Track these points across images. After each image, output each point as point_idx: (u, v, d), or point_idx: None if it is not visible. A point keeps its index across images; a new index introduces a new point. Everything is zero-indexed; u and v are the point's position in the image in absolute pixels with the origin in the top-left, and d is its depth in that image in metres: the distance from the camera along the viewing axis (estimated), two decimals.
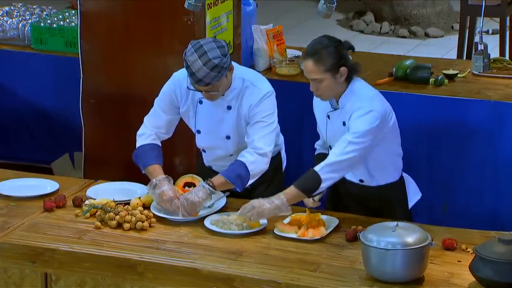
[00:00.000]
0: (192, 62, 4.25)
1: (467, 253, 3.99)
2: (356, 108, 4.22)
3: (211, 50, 4.25)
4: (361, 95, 4.26)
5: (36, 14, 6.58)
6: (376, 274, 3.80)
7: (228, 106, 4.43)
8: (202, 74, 4.24)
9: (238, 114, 4.43)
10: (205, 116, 4.48)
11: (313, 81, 4.23)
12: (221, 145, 4.52)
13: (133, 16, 5.14)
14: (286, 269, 3.90)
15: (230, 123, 4.46)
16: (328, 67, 4.19)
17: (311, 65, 4.20)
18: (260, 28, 5.97)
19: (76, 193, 4.58)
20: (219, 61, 4.24)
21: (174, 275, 3.95)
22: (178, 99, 4.50)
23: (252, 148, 4.37)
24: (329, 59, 4.19)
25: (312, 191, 4.20)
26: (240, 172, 4.33)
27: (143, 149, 4.49)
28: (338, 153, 4.19)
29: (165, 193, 4.30)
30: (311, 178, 4.18)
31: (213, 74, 4.25)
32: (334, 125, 4.34)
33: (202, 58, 4.23)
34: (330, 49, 4.21)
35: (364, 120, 4.19)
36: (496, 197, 5.44)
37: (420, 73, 5.66)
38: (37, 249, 4.10)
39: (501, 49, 7.71)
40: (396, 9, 9.83)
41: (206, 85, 4.28)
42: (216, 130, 4.49)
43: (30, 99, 6.24)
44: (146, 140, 4.50)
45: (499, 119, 5.41)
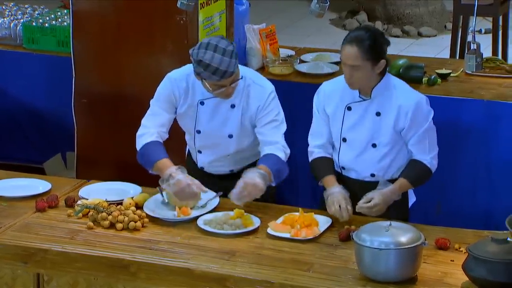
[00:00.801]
0: (210, 59, 4.22)
1: (460, 253, 3.98)
2: (406, 101, 4.28)
3: (220, 41, 4.26)
4: (405, 88, 4.37)
5: (28, 13, 6.56)
6: (369, 274, 3.79)
7: (232, 104, 4.42)
8: (225, 64, 4.23)
9: (243, 112, 4.42)
10: (207, 116, 4.46)
11: (350, 67, 4.23)
12: (222, 143, 4.50)
13: (126, 16, 5.14)
14: (279, 269, 3.90)
15: (235, 122, 4.44)
16: (370, 57, 4.22)
17: (354, 51, 4.20)
18: (253, 28, 5.96)
19: (69, 193, 4.56)
20: (232, 47, 4.26)
21: (167, 275, 3.94)
22: (177, 100, 4.47)
23: (281, 146, 4.38)
24: (373, 49, 4.22)
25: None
26: (279, 166, 4.33)
27: (148, 146, 4.40)
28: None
29: (181, 181, 4.24)
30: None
31: (234, 60, 4.25)
32: (355, 116, 4.35)
33: (218, 51, 4.22)
34: (375, 40, 4.24)
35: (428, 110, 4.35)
36: (489, 196, 5.44)
37: (413, 72, 5.66)
38: (29, 250, 4.08)
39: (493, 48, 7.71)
40: (389, 8, 9.83)
41: (231, 74, 4.26)
42: (219, 129, 4.47)
43: (22, 99, 6.22)
44: (149, 139, 4.42)
45: (492, 118, 5.41)
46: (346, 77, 4.28)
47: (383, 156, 4.38)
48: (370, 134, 4.35)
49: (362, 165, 4.39)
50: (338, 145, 4.42)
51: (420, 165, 4.36)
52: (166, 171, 4.29)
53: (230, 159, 4.53)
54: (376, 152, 4.37)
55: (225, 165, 4.56)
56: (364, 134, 4.36)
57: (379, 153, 4.37)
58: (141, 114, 5.18)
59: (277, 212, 4.32)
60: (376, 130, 4.35)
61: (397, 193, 4.31)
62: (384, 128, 4.34)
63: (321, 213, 4.31)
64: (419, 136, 4.34)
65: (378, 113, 4.33)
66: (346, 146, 4.40)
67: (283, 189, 4.52)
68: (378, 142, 4.36)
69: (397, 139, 4.37)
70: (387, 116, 4.32)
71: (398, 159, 4.41)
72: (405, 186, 4.35)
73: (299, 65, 5.93)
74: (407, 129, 4.33)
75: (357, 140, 4.38)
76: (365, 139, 4.37)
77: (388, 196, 4.26)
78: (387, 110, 4.32)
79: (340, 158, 4.43)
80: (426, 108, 4.37)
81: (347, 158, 4.41)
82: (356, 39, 4.22)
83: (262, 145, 4.43)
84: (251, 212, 4.31)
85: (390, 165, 4.40)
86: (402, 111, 4.31)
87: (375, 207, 4.22)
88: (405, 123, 4.32)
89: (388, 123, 4.33)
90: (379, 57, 4.25)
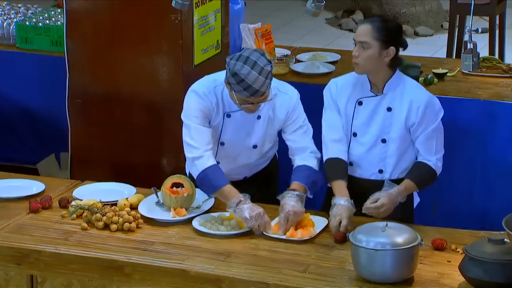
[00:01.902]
0: (246, 74, 4.18)
1: (457, 253, 3.98)
2: (418, 97, 4.31)
3: (259, 58, 4.22)
4: (417, 84, 4.39)
5: (21, 13, 6.55)
6: (366, 275, 3.78)
7: (258, 116, 4.41)
8: (259, 84, 4.20)
9: (270, 121, 4.41)
10: (232, 129, 4.44)
11: (360, 44, 4.26)
12: (245, 154, 4.49)
13: (120, 15, 5.11)
14: (275, 270, 3.88)
15: (260, 133, 4.44)
16: (380, 38, 4.25)
17: (366, 28, 4.26)
18: (249, 27, 5.95)
19: (63, 194, 4.54)
20: (270, 67, 4.24)
21: (162, 277, 3.92)
22: (211, 114, 4.40)
23: (312, 153, 4.40)
24: (384, 31, 4.27)
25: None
26: (314, 177, 4.35)
27: (212, 170, 4.30)
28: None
29: (254, 208, 4.18)
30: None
31: (268, 81, 4.23)
32: (367, 111, 4.36)
33: (255, 68, 4.18)
34: (388, 24, 4.30)
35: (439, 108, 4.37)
36: (486, 197, 5.44)
37: (410, 72, 5.62)
38: (22, 251, 4.06)
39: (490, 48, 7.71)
40: (385, 7, 9.82)
41: (262, 95, 4.24)
42: (243, 141, 4.46)
43: (16, 99, 6.20)
44: (209, 161, 4.31)
45: (489, 118, 5.40)
46: (354, 56, 4.31)
47: (391, 153, 4.37)
48: (381, 129, 4.36)
49: (370, 160, 4.39)
50: (348, 140, 4.42)
51: (425, 167, 4.35)
52: (235, 197, 4.21)
53: (248, 167, 4.53)
54: (385, 147, 4.37)
55: (240, 173, 4.55)
56: (374, 129, 4.37)
57: (388, 149, 4.37)
58: (136, 114, 5.18)
59: (273, 213, 4.30)
60: (386, 125, 4.36)
61: (403, 194, 4.30)
62: (395, 123, 4.35)
63: (317, 214, 4.30)
64: (427, 134, 4.34)
65: (390, 109, 4.34)
66: (356, 141, 4.41)
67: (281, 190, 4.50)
68: (388, 137, 4.36)
69: (406, 136, 4.37)
70: (398, 112, 4.34)
71: (406, 158, 4.40)
72: (411, 188, 4.34)
73: (295, 65, 5.92)
74: (417, 125, 4.33)
75: (368, 135, 4.38)
76: (375, 134, 4.37)
77: (394, 197, 4.25)
78: (399, 106, 4.34)
79: (349, 153, 4.43)
80: (437, 106, 4.39)
81: (356, 153, 4.41)
82: (371, 20, 4.32)
83: (293, 153, 4.44)
84: None
85: (397, 162, 4.39)
86: (413, 106, 4.32)
87: (382, 207, 4.20)
88: (416, 119, 4.33)
89: (399, 119, 4.34)
90: (389, 42, 4.28)
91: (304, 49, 6.37)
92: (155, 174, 4.46)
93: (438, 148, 4.38)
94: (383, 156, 4.38)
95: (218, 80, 4.39)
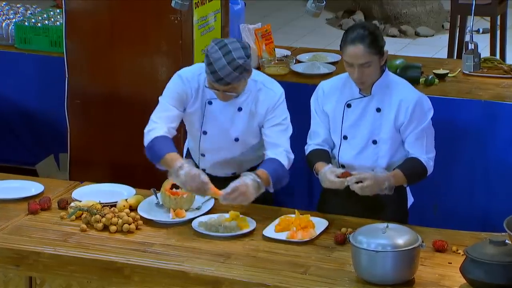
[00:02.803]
0: (216, 59, 4.19)
1: (458, 255, 3.96)
2: (407, 96, 4.30)
3: (236, 50, 4.21)
4: (406, 84, 4.37)
5: (20, 13, 6.54)
6: (366, 277, 3.77)
7: (239, 107, 4.40)
8: (225, 73, 4.20)
9: (251, 115, 4.40)
10: (214, 117, 4.43)
11: (360, 66, 4.24)
12: (228, 147, 4.47)
13: (119, 15, 5.11)
14: (275, 272, 3.87)
15: (241, 125, 4.42)
16: (376, 51, 4.25)
17: (362, 49, 4.22)
18: (249, 27, 5.93)
19: (62, 195, 4.53)
20: (243, 61, 4.21)
21: (161, 278, 3.91)
22: (188, 98, 4.42)
23: (285, 151, 4.36)
24: (376, 43, 4.25)
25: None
26: (281, 173, 4.30)
27: (157, 141, 4.32)
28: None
29: (192, 170, 4.18)
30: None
31: (235, 74, 4.21)
32: (356, 113, 4.34)
33: (226, 57, 4.19)
34: (375, 33, 4.28)
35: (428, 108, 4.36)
36: (487, 198, 5.42)
37: (410, 72, 5.63)
38: (21, 253, 4.05)
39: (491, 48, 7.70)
40: (386, 8, 9.80)
41: (226, 84, 4.23)
42: (225, 132, 4.44)
43: (14, 100, 6.20)
44: (159, 133, 4.34)
45: (490, 119, 5.39)
46: (356, 77, 4.27)
47: (383, 154, 4.36)
48: (371, 130, 4.35)
49: (362, 162, 4.37)
50: (338, 143, 4.41)
51: (416, 161, 4.33)
52: (176, 162, 4.22)
53: (234, 162, 4.50)
54: (377, 148, 4.36)
55: (228, 168, 4.53)
56: (364, 130, 4.35)
57: (379, 150, 4.36)
58: (135, 115, 5.17)
59: (272, 214, 4.29)
60: (376, 126, 4.34)
61: (391, 181, 4.24)
62: (384, 124, 4.33)
63: (317, 215, 4.28)
64: (417, 134, 4.32)
65: (379, 109, 4.32)
66: (347, 144, 4.39)
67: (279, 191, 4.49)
68: (378, 138, 4.35)
69: (397, 137, 4.36)
70: (387, 112, 4.32)
71: (398, 158, 4.38)
72: (399, 178, 4.29)
73: (295, 65, 5.91)
74: (406, 125, 4.32)
75: (358, 137, 4.37)
76: (366, 136, 4.36)
77: (381, 180, 4.21)
78: (388, 106, 4.32)
79: (340, 156, 4.41)
80: (426, 106, 4.37)
81: (348, 156, 4.40)
82: (358, 38, 4.23)
83: (266, 147, 4.41)
84: (246, 214, 4.28)
85: (389, 163, 4.37)
86: (402, 106, 4.31)
87: (367, 188, 4.18)
88: (405, 118, 4.31)
89: (389, 119, 4.32)
90: (382, 48, 4.28)
91: (304, 50, 6.36)
92: (154, 175, 4.44)
93: (428, 149, 4.36)
94: (375, 158, 4.36)
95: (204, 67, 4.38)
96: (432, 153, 4.37)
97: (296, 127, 4.52)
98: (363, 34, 4.23)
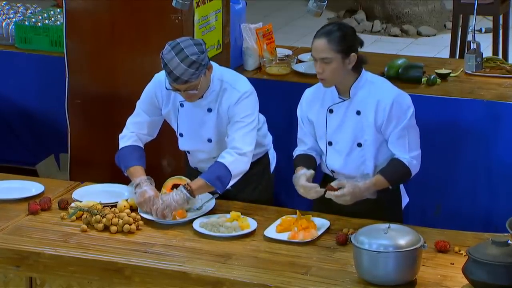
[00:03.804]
0: (169, 60, 4.22)
1: (460, 255, 3.95)
2: (384, 96, 4.25)
3: (188, 47, 4.23)
4: (384, 83, 4.33)
5: (20, 12, 6.53)
6: (368, 277, 3.76)
7: (208, 108, 4.41)
8: (180, 71, 4.21)
9: (219, 116, 4.41)
10: (187, 119, 4.46)
11: (321, 60, 4.22)
12: (204, 148, 4.49)
13: (120, 15, 5.10)
14: (276, 272, 3.86)
15: (211, 126, 4.43)
16: (340, 49, 4.20)
17: (324, 43, 4.20)
18: (250, 27, 5.92)
19: (62, 195, 4.52)
20: (196, 57, 4.22)
21: (162, 279, 3.90)
22: (159, 101, 4.48)
23: (231, 148, 4.35)
24: (342, 41, 4.21)
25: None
26: (219, 173, 4.30)
27: (124, 151, 4.48)
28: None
29: (146, 192, 4.26)
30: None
31: (191, 71, 4.22)
32: (338, 118, 4.32)
33: (179, 55, 4.21)
34: (344, 32, 4.24)
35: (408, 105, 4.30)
36: (489, 198, 5.41)
37: (412, 72, 5.62)
38: (21, 253, 4.04)
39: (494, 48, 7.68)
40: (387, 7, 9.79)
41: (184, 82, 4.25)
42: (198, 133, 4.47)
43: (15, 100, 6.19)
44: (127, 142, 4.50)
45: (492, 119, 5.37)
46: (318, 73, 4.27)
47: (369, 156, 4.33)
48: (354, 134, 4.32)
49: (350, 166, 4.35)
50: (324, 149, 4.39)
51: (398, 163, 4.30)
52: (136, 179, 4.33)
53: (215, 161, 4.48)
54: (362, 151, 4.33)
55: None
56: (348, 134, 4.33)
57: (365, 152, 4.33)
58: None
59: (274, 215, 4.28)
60: (359, 129, 4.31)
61: (371, 189, 4.26)
62: (366, 126, 4.31)
63: (318, 216, 4.27)
64: (397, 133, 4.29)
65: (358, 112, 4.30)
66: (333, 150, 4.37)
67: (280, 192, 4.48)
68: (362, 141, 4.32)
69: (380, 138, 4.33)
70: (367, 114, 4.29)
71: (384, 159, 4.35)
72: (381, 183, 4.28)
73: (297, 65, 5.89)
74: (385, 124, 4.28)
75: (343, 141, 4.35)
76: (350, 140, 4.33)
77: (359, 190, 4.21)
78: (367, 108, 4.29)
79: (328, 162, 4.40)
80: (405, 104, 4.31)
81: (335, 161, 4.38)
82: (325, 32, 4.23)
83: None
84: (247, 214, 4.27)
85: (377, 164, 4.34)
86: (380, 106, 4.27)
87: (342, 197, 4.19)
88: (383, 118, 4.28)
89: (369, 121, 4.30)
90: (349, 50, 4.22)
91: (305, 49, 6.34)
92: (155, 175, 4.43)
93: (411, 147, 4.31)
94: (362, 160, 4.34)
95: None
96: (415, 151, 4.33)
97: (297, 126, 4.50)
98: (331, 30, 4.22)
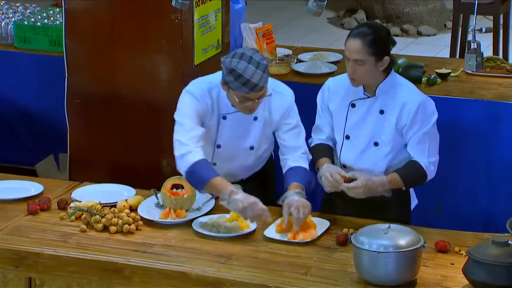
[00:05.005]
0: (243, 69, 4.15)
1: (460, 256, 3.95)
2: (411, 99, 4.27)
3: (254, 54, 4.21)
4: (411, 87, 4.35)
5: (19, 12, 6.53)
6: (368, 277, 3.75)
7: (254, 117, 4.38)
8: (257, 77, 4.17)
9: (266, 123, 4.39)
10: (229, 131, 4.41)
11: (354, 62, 4.22)
12: (242, 156, 4.46)
13: (119, 14, 5.09)
14: (276, 273, 3.85)
15: (257, 134, 4.41)
16: (375, 52, 4.21)
17: (359, 45, 4.20)
18: (250, 27, 5.92)
19: (61, 195, 4.51)
20: (266, 61, 4.23)
21: (161, 279, 3.89)
22: (206, 115, 4.38)
23: (304, 154, 4.37)
24: (378, 45, 4.22)
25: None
26: (310, 177, 4.32)
27: (201, 164, 4.24)
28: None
29: (248, 197, 4.13)
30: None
31: (266, 76, 4.21)
32: (360, 113, 4.33)
33: (252, 63, 4.17)
34: (380, 35, 4.24)
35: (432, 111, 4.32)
36: (490, 198, 5.41)
37: (413, 72, 5.62)
38: (20, 253, 4.03)
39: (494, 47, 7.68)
40: (388, 7, 9.79)
41: (261, 89, 4.21)
42: (240, 143, 4.43)
43: (14, 100, 6.19)
44: (197, 156, 4.24)
45: (493, 118, 5.37)
46: (349, 73, 4.28)
47: (384, 156, 4.34)
48: (373, 132, 4.33)
49: (363, 163, 4.35)
50: (340, 142, 4.40)
51: (415, 165, 4.30)
52: (227, 187, 4.17)
53: (245, 169, 4.50)
54: (378, 151, 4.34)
55: (236, 175, 4.51)
56: (367, 131, 4.34)
57: (380, 152, 4.34)
58: (135, 115, 5.15)
59: (274, 214, 4.27)
60: (378, 128, 4.32)
61: (386, 186, 4.25)
62: (386, 126, 4.31)
63: (318, 216, 4.27)
64: (419, 137, 4.29)
65: (382, 111, 4.30)
66: (349, 144, 4.38)
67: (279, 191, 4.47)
68: (380, 140, 4.33)
69: (398, 140, 4.33)
70: (390, 115, 4.30)
71: (398, 162, 4.35)
72: (396, 183, 4.28)
73: (297, 65, 5.89)
74: (408, 127, 4.29)
75: (360, 137, 4.35)
76: (368, 137, 4.34)
77: (373, 184, 4.20)
78: (391, 108, 4.30)
79: (342, 156, 4.40)
80: (430, 109, 4.33)
81: (349, 156, 4.38)
82: (360, 34, 4.23)
83: (285, 151, 4.40)
84: None
85: (389, 166, 4.34)
86: (405, 109, 4.28)
87: (354, 189, 4.18)
88: (406, 121, 4.29)
89: (391, 122, 4.30)
90: (383, 53, 4.23)
91: (305, 49, 6.35)
92: (155, 175, 4.44)
93: (431, 153, 4.32)
94: (376, 159, 4.34)
95: (213, 82, 4.36)
96: (434, 158, 4.34)
97: None
98: (366, 32, 4.22)
